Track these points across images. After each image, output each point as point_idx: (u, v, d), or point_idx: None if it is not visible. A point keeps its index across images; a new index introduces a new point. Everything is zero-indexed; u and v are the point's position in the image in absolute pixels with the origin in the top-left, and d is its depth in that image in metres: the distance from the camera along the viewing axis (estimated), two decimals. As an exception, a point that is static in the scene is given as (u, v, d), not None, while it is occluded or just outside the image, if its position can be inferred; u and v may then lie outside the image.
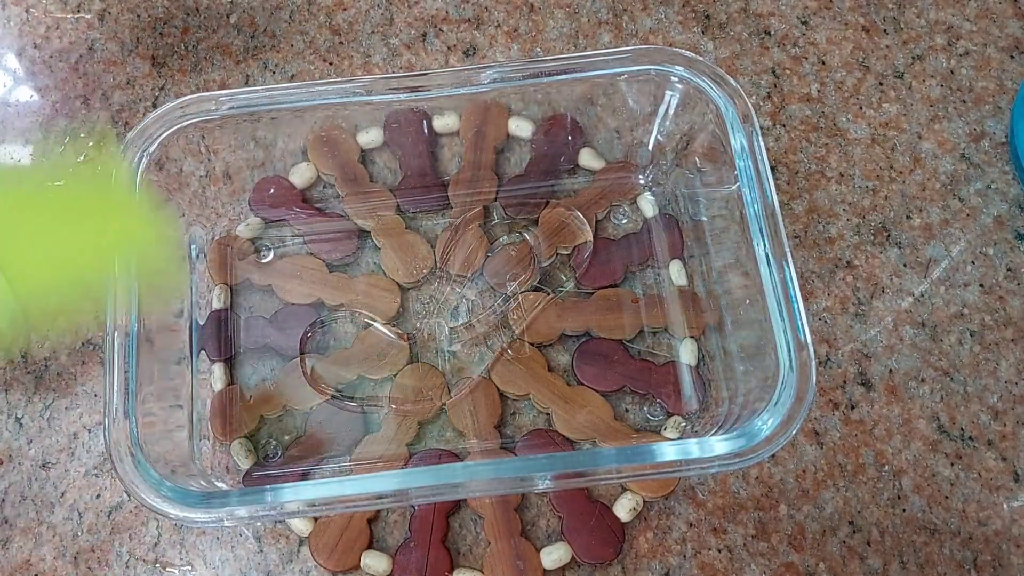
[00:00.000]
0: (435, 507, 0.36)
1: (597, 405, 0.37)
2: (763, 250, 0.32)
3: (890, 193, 0.42)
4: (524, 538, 0.36)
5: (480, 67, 0.35)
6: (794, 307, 0.31)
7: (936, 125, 0.43)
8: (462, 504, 0.36)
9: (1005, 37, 0.45)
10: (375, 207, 0.41)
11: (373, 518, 0.36)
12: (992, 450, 0.37)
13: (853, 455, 0.37)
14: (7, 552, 0.36)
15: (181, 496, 0.29)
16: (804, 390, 0.30)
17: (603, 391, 0.38)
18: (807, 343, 0.31)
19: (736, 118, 0.34)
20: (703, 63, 0.35)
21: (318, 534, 0.35)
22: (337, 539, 0.35)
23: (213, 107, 0.34)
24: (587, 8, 0.46)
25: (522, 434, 0.37)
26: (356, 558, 0.35)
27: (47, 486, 0.37)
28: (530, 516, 0.37)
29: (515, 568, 0.35)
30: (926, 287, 0.40)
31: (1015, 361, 0.39)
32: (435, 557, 0.35)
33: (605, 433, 0.37)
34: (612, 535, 0.35)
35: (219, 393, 0.38)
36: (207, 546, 0.36)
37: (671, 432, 0.37)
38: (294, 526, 0.36)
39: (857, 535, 0.36)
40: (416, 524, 0.36)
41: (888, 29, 0.45)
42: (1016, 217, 0.41)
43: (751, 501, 0.37)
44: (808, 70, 0.44)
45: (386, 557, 0.35)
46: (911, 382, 0.39)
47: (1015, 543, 0.36)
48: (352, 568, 0.35)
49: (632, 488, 0.36)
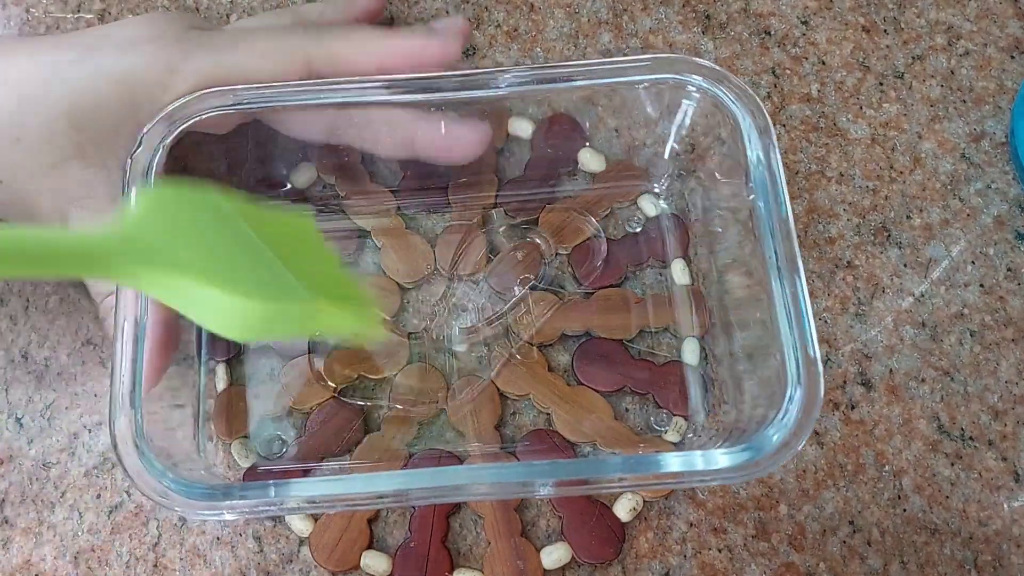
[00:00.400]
0: (435, 507, 0.36)
1: (597, 406, 0.37)
2: (775, 262, 0.32)
3: (890, 193, 0.42)
4: (524, 538, 0.36)
5: (496, 71, 0.35)
6: (804, 322, 0.31)
7: (936, 125, 0.43)
8: (462, 504, 0.36)
9: (1005, 37, 0.45)
10: (375, 207, 0.41)
11: (373, 518, 0.36)
12: (992, 450, 0.37)
13: (853, 455, 0.37)
14: (7, 552, 0.36)
15: (185, 488, 0.29)
16: (812, 405, 0.30)
17: (603, 391, 0.38)
18: (816, 359, 0.30)
19: (753, 129, 0.33)
20: (722, 73, 0.35)
21: (318, 534, 0.35)
22: (337, 539, 0.35)
23: (231, 99, 0.34)
24: (587, 8, 0.46)
25: (522, 435, 0.37)
26: (356, 558, 0.35)
27: (47, 486, 0.37)
28: (530, 516, 0.37)
29: (515, 568, 0.35)
30: (926, 287, 0.40)
31: (1015, 361, 0.39)
32: (435, 557, 0.35)
33: (605, 434, 0.37)
34: (612, 535, 0.35)
35: (222, 392, 0.38)
36: (207, 546, 0.36)
37: (672, 434, 0.37)
38: (294, 526, 0.36)
39: (857, 535, 0.36)
40: (416, 524, 0.36)
41: (888, 29, 0.45)
42: (1016, 217, 0.41)
43: (751, 501, 0.37)
44: (808, 70, 0.44)
45: (386, 557, 0.35)
46: (911, 382, 0.39)
47: (1015, 543, 0.36)
48: (352, 568, 0.35)
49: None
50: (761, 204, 0.33)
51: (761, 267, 0.32)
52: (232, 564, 0.36)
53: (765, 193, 0.33)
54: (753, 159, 0.33)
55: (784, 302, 0.31)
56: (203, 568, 0.36)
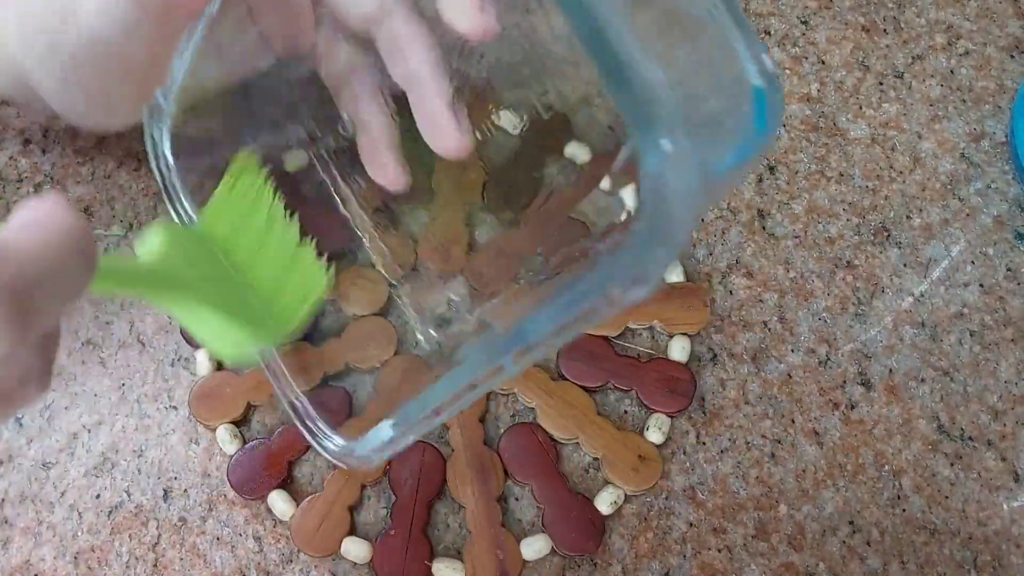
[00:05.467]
0: (416, 496, 0.36)
1: (581, 401, 0.38)
2: None
3: (890, 193, 0.42)
4: (505, 529, 0.36)
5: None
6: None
7: (936, 125, 0.43)
8: (444, 493, 0.37)
9: (1005, 37, 0.45)
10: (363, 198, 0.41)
11: (355, 505, 0.36)
12: (992, 450, 0.37)
13: (853, 455, 0.37)
14: (7, 552, 0.36)
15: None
16: None
17: (587, 387, 0.38)
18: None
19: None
20: None
21: (299, 518, 0.36)
22: (318, 524, 0.36)
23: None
24: (587, 8, 0.46)
25: (505, 427, 0.37)
26: (336, 544, 0.35)
27: (47, 486, 0.37)
28: (511, 507, 0.37)
29: (495, 558, 0.35)
30: (926, 287, 0.40)
31: (1015, 361, 0.39)
32: (415, 546, 0.35)
33: (588, 429, 0.37)
34: (592, 527, 0.36)
35: (202, 379, 0.38)
36: (207, 546, 0.36)
37: (653, 432, 0.37)
38: (276, 509, 0.36)
39: (857, 535, 0.36)
40: (397, 512, 0.36)
41: (888, 29, 0.45)
42: (1016, 217, 0.41)
43: (751, 501, 0.37)
44: (808, 70, 0.44)
45: (367, 544, 0.36)
46: (911, 382, 0.39)
47: (1015, 543, 0.36)
48: (332, 554, 0.36)
49: (614, 482, 0.36)
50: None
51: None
52: (232, 564, 0.36)
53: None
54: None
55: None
56: (203, 568, 0.36)
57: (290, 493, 0.36)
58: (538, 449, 0.37)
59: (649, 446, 0.37)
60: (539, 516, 0.36)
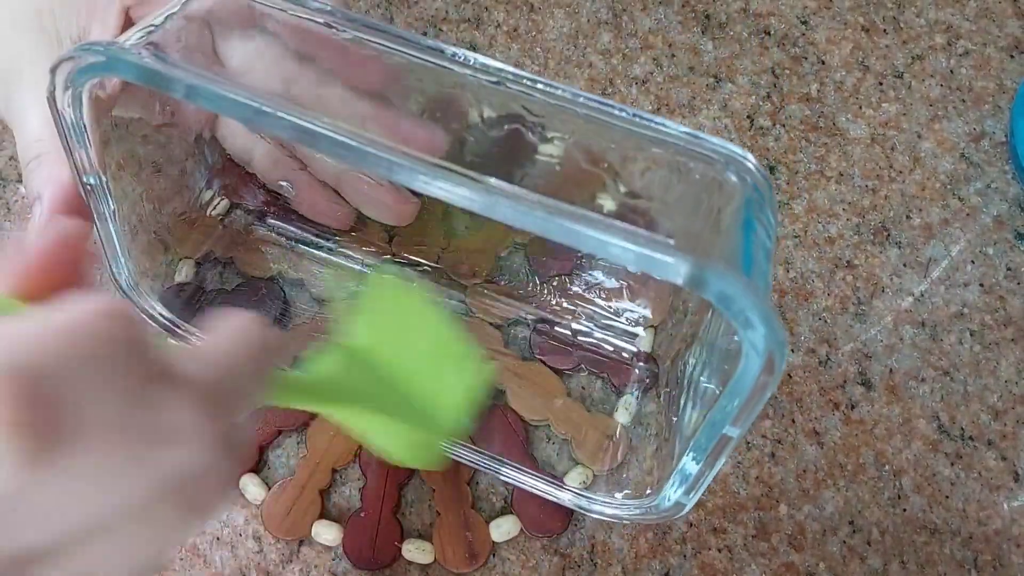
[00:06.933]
0: (387, 478, 0.36)
1: (551, 383, 0.38)
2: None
3: (890, 193, 0.42)
4: (474, 510, 0.36)
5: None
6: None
7: (936, 125, 0.43)
8: (414, 475, 0.37)
9: (1005, 37, 0.45)
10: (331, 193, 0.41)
11: (326, 488, 0.37)
12: (992, 450, 0.37)
13: (853, 455, 0.37)
14: (7, 552, 0.36)
15: None
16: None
17: (559, 369, 0.38)
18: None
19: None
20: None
21: (270, 503, 0.36)
22: (289, 508, 0.36)
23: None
24: (587, 8, 0.46)
25: None
26: (307, 527, 0.36)
27: (47, 486, 0.37)
28: (481, 490, 0.37)
29: (464, 539, 0.36)
30: (926, 287, 0.40)
31: (1015, 361, 0.39)
32: (385, 527, 0.36)
33: (558, 412, 0.37)
34: (561, 508, 0.36)
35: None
36: (207, 546, 0.36)
37: (622, 414, 0.37)
38: (248, 493, 0.36)
39: (857, 535, 0.36)
40: (367, 495, 0.36)
41: (888, 29, 0.45)
42: (1016, 217, 0.41)
43: (751, 501, 0.37)
44: (808, 70, 0.44)
45: (337, 527, 0.36)
46: (911, 382, 0.39)
47: (1015, 543, 0.36)
48: (303, 537, 0.36)
49: (583, 462, 0.37)
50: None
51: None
52: (232, 564, 0.36)
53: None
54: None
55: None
56: (203, 568, 0.36)
57: (263, 478, 0.36)
58: (508, 430, 0.37)
59: (617, 426, 0.37)
60: (508, 497, 0.37)
